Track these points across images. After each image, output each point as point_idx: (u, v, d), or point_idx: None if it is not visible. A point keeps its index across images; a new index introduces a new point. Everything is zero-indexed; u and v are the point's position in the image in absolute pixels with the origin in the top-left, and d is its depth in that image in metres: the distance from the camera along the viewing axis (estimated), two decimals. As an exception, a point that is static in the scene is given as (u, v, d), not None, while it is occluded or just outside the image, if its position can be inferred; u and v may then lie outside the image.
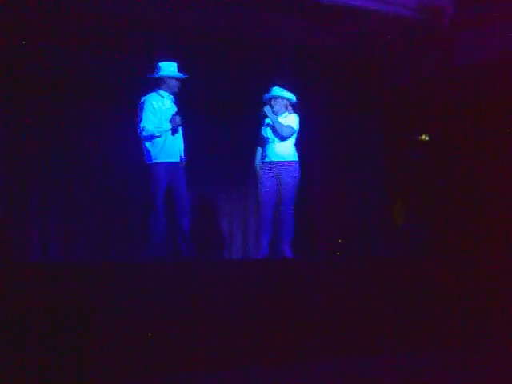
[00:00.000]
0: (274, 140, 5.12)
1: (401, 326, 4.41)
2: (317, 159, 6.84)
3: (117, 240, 6.53)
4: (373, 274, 4.56)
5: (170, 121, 4.78)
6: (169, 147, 4.78)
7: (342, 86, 6.73)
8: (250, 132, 5.51)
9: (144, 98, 4.81)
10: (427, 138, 7.13)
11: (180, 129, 4.89)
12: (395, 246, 6.62)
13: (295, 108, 5.22)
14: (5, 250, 5.95)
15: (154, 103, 4.77)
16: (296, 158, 5.16)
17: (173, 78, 4.83)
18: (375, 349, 4.21)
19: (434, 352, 4.22)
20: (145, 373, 3.54)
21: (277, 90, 5.16)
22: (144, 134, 4.74)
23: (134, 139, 4.97)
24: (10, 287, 3.47)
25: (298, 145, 5.26)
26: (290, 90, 5.22)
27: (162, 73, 4.81)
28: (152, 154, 4.76)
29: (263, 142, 5.19)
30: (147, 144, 4.77)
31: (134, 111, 4.88)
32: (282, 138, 5.10)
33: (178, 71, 4.86)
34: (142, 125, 4.74)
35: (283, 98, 5.15)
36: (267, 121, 5.15)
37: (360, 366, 3.83)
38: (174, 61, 4.89)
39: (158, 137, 4.74)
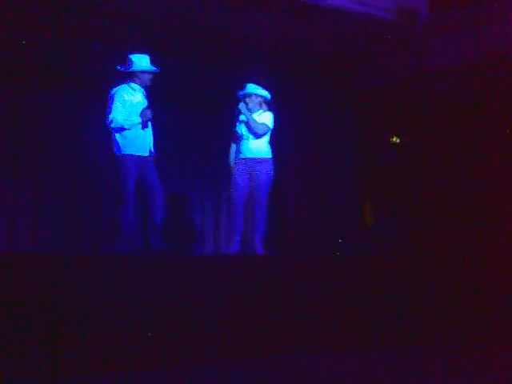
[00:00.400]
0: (248, 137, 5.13)
1: (367, 322, 4.47)
2: (290, 157, 6.87)
3: (87, 232, 6.46)
4: (341, 272, 4.62)
5: (141, 115, 4.72)
6: (138, 140, 4.73)
7: (315, 85, 6.78)
8: (224, 128, 5.51)
9: (114, 90, 4.75)
10: (398, 140, 7.23)
11: (149, 123, 4.85)
12: (364, 245, 6.70)
13: (269, 106, 5.24)
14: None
15: (124, 95, 4.72)
16: (270, 155, 5.19)
17: (145, 72, 4.78)
18: (335, 346, 4.26)
19: (397, 348, 4.29)
20: (107, 368, 3.50)
21: (252, 87, 5.17)
22: (113, 125, 4.68)
23: (104, 130, 4.91)
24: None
25: (271, 142, 5.28)
26: (264, 87, 5.24)
27: (134, 67, 4.75)
28: (121, 145, 4.70)
29: (237, 138, 5.20)
30: (116, 136, 4.72)
31: (105, 102, 4.82)
32: (257, 135, 5.12)
33: (150, 64, 4.80)
34: (111, 116, 4.68)
35: (258, 95, 5.17)
36: (242, 117, 5.16)
37: (314, 364, 3.86)
38: (147, 53, 4.82)
39: (127, 129, 4.70)
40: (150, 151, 4.84)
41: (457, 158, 6.18)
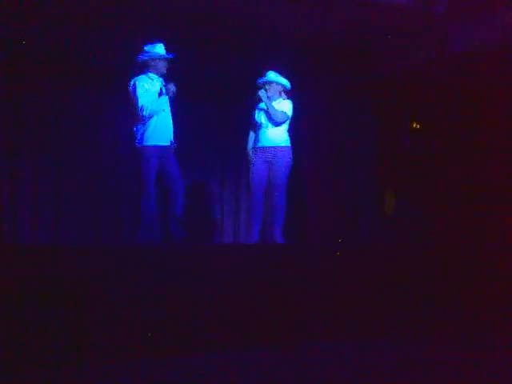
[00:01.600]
0: (266, 125, 5.11)
1: (389, 312, 4.45)
2: (309, 145, 6.84)
3: (108, 223, 6.51)
4: (362, 261, 4.60)
5: (166, 91, 4.73)
6: (159, 130, 4.75)
7: (335, 72, 6.72)
8: (243, 116, 5.50)
9: (133, 80, 4.77)
10: (418, 126, 7.14)
11: (169, 113, 4.86)
12: (385, 234, 6.65)
13: (288, 94, 5.21)
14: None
15: (144, 84, 4.74)
16: (288, 144, 5.17)
17: (158, 59, 4.77)
18: (363, 334, 4.25)
19: (419, 339, 4.27)
20: (133, 356, 3.54)
21: (272, 75, 5.15)
22: (145, 113, 4.67)
23: (124, 122, 4.94)
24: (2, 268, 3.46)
25: (290, 130, 5.26)
26: (284, 75, 5.21)
27: (147, 55, 4.76)
28: (142, 136, 4.73)
29: (256, 126, 5.18)
30: (138, 127, 4.74)
31: (124, 94, 4.83)
32: (276, 124, 5.10)
33: (165, 52, 4.80)
34: (140, 104, 4.69)
35: (278, 83, 5.15)
36: (261, 105, 5.14)
37: (350, 351, 3.87)
38: (164, 43, 4.83)
39: (156, 114, 4.70)
40: (170, 141, 4.86)
41: (479, 145, 6.09)
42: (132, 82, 4.78)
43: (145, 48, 4.79)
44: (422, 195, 6.58)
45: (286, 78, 5.20)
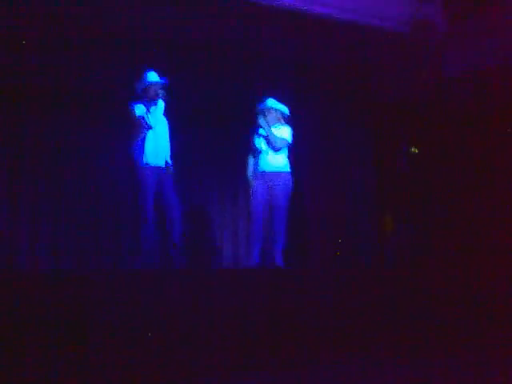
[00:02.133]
0: (267, 151, 5.15)
1: (391, 333, 4.43)
2: (308, 170, 6.87)
3: (108, 248, 6.49)
4: (363, 284, 4.59)
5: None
6: (155, 151, 4.81)
7: (332, 98, 6.79)
8: (242, 141, 5.53)
9: (133, 105, 4.89)
10: (416, 151, 7.18)
11: (167, 134, 4.92)
12: (385, 256, 6.65)
13: (287, 120, 5.26)
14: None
15: (141, 106, 4.84)
16: (288, 169, 5.20)
17: (149, 85, 4.86)
18: (364, 356, 4.22)
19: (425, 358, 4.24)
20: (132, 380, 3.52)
21: (271, 102, 5.21)
22: (142, 122, 4.77)
23: (123, 146, 4.99)
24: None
25: (290, 156, 5.29)
26: (283, 101, 5.27)
27: (141, 85, 4.87)
28: (139, 157, 4.78)
29: (256, 152, 5.22)
30: (136, 146, 4.80)
31: (123, 119, 4.90)
32: (276, 149, 5.14)
33: (159, 77, 4.90)
34: (137, 115, 4.80)
35: (277, 109, 5.20)
36: (261, 131, 5.18)
37: (349, 373, 3.83)
38: (163, 68, 4.93)
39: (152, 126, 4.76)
40: (166, 162, 4.89)
41: (477, 168, 6.12)
42: (131, 106, 4.87)
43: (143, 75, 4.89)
44: (421, 218, 6.59)
45: (284, 104, 5.26)
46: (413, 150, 7.14)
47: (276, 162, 5.14)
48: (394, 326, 4.46)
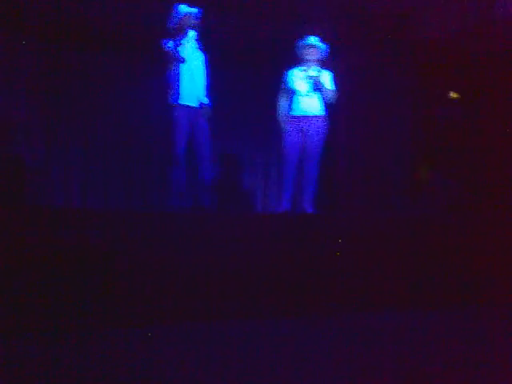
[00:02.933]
0: (302, 93, 4.97)
1: (420, 283, 4.37)
2: (343, 114, 6.70)
3: (139, 189, 6.53)
4: (393, 232, 4.51)
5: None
6: (187, 89, 4.70)
7: (372, 40, 6.52)
8: (278, 81, 5.37)
9: (163, 40, 4.76)
10: (457, 96, 6.94)
11: (203, 75, 4.79)
12: (420, 204, 6.54)
13: (323, 63, 5.04)
14: (28, 193, 6.00)
15: (171, 41, 4.71)
16: (323, 113, 5.04)
17: (182, 17, 4.71)
18: (391, 305, 4.19)
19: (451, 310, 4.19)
20: (159, 320, 3.57)
21: (313, 40, 4.98)
22: (172, 53, 4.64)
23: (155, 84, 4.91)
24: (30, 230, 3.50)
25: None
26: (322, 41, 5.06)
27: (171, 21, 4.71)
28: (173, 96, 4.69)
29: (289, 94, 5.04)
30: (170, 84, 4.70)
31: (158, 56, 4.79)
32: (329, 102, 4.99)
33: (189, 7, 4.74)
34: (167, 49, 4.67)
35: (319, 48, 4.98)
36: (309, 73, 4.95)
37: (374, 321, 3.82)
38: (201, 7, 4.75)
39: (179, 58, 4.64)
40: (200, 103, 4.78)
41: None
42: (161, 42, 4.74)
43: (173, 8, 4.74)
44: (459, 165, 6.42)
45: (326, 42, 5.03)
46: (453, 95, 6.89)
47: (312, 105, 4.99)
48: (423, 275, 4.39)
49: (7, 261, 3.34)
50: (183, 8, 4.73)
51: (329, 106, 5.05)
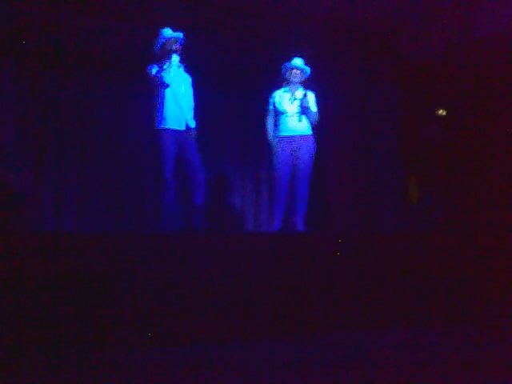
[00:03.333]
0: (292, 114, 5.02)
1: (412, 301, 4.38)
2: (331, 133, 6.75)
3: (130, 212, 6.54)
4: (385, 250, 4.53)
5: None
6: (174, 114, 4.72)
7: (357, 57, 6.61)
8: (264, 102, 5.43)
9: (148, 66, 4.80)
10: (444, 113, 7.01)
11: (189, 97, 4.83)
12: (409, 222, 6.56)
13: (308, 85, 5.11)
14: (19, 218, 5.99)
15: (156, 66, 4.74)
16: (311, 132, 5.10)
17: (165, 41, 4.74)
18: (384, 324, 4.19)
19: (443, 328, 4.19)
20: (150, 344, 3.55)
21: (299, 62, 5.07)
22: (158, 78, 4.66)
23: (146, 108, 4.94)
24: (22, 255, 3.49)
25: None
26: (307, 60, 5.13)
27: (157, 43, 4.76)
28: (159, 119, 4.71)
29: (277, 114, 5.09)
30: (156, 108, 4.72)
31: (143, 81, 4.85)
32: (312, 123, 5.05)
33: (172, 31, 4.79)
34: (152, 73, 4.69)
35: (303, 70, 5.06)
36: (296, 95, 5.02)
37: (367, 341, 3.81)
38: (187, 31, 4.81)
39: (164, 82, 4.65)
40: (186, 126, 4.80)
41: (506, 132, 5.94)
42: (146, 68, 4.78)
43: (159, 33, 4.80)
44: (447, 182, 6.47)
45: (309, 63, 5.11)
46: (441, 111, 6.97)
47: (299, 125, 5.04)
48: (414, 293, 4.40)
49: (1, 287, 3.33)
50: (167, 32, 4.78)
51: (313, 128, 5.11)
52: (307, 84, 5.13)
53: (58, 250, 3.60)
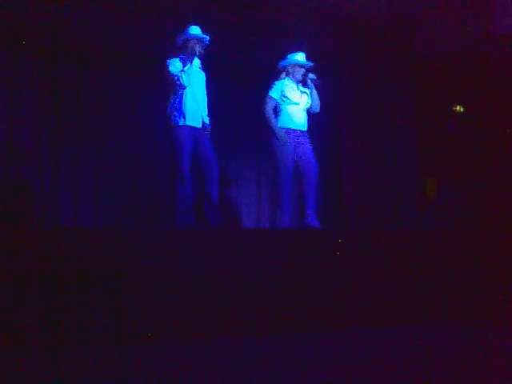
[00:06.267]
0: (298, 106, 4.99)
1: (427, 298, 4.34)
2: (348, 130, 6.72)
3: (145, 207, 6.57)
4: (401, 246, 4.50)
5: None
6: (191, 111, 4.74)
7: (376, 54, 6.58)
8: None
9: (167, 60, 4.80)
10: (462, 110, 6.95)
11: (204, 95, 4.85)
12: (426, 219, 6.51)
13: (310, 80, 5.07)
14: (37, 217, 6.06)
15: (175, 63, 4.76)
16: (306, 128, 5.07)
17: (189, 39, 4.75)
18: (399, 321, 4.16)
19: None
20: (168, 336, 3.57)
21: (301, 57, 5.04)
22: (176, 80, 4.68)
23: (162, 105, 4.96)
24: (40, 250, 3.54)
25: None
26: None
27: (180, 38, 4.77)
28: (175, 116, 4.73)
29: (280, 104, 5.00)
30: (172, 105, 4.75)
31: (161, 77, 4.86)
32: (310, 111, 5.02)
33: (202, 33, 4.81)
34: (171, 73, 4.71)
35: (305, 66, 5.04)
36: (304, 88, 5.01)
37: (376, 337, 3.80)
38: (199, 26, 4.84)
39: (183, 84, 4.68)
40: (203, 123, 4.83)
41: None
42: (166, 62, 4.79)
43: (183, 29, 4.80)
44: (466, 180, 6.41)
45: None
46: (458, 108, 6.90)
47: (304, 120, 5.03)
48: (430, 289, 4.36)
49: (17, 283, 3.37)
50: (195, 29, 4.80)
51: (312, 116, 5.06)
52: (308, 81, 5.10)
53: (74, 245, 3.64)
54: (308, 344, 3.57)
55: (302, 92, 5.04)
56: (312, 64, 5.05)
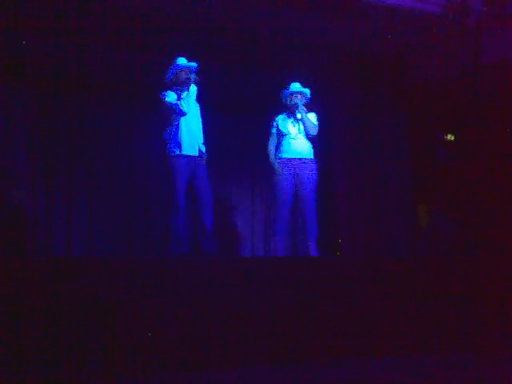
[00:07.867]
0: (294, 136, 5.05)
1: (424, 327, 4.32)
2: (341, 158, 6.77)
3: (139, 236, 6.54)
4: (396, 275, 4.49)
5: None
6: (187, 140, 4.77)
7: (366, 83, 6.66)
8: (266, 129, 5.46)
9: (162, 92, 4.85)
10: (453, 138, 7.03)
11: (199, 123, 4.88)
12: (419, 247, 6.52)
13: (308, 107, 5.14)
14: (29, 245, 6.00)
15: (171, 94, 4.80)
16: (312, 156, 5.11)
17: (179, 70, 4.80)
18: (396, 350, 4.13)
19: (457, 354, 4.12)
20: (166, 368, 3.52)
21: (297, 86, 5.12)
22: (172, 110, 4.72)
23: (156, 135, 4.98)
24: (33, 282, 3.50)
25: (322, 142, 5.20)
26: (313, 86, 5.18)
27: (170, 72, 4.82)
28: (171, 145, 4.75)
29: (279, 137, 5.10)
30: (167, 134, 4.77)
31: (155, 109, 4.90)
32: (311, 135, 5.06)
33: (187, 61, 4.85)
34: (166, 103, 4.75)
35: (303, 93, 5.11)
36: (296, 116, 5.08)
37: (379, 367, 3.75)
38: (193, 59, 4.88)
39: (183, 113, 4.72)
40: (199, 151, 4.84)
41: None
42: (161, 96, 4.83)
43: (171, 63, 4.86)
44: (458, 207, 6.44)
45: (314, 89, 5.16)
46: (449, 137, 6.98)
47: (304, 147, 5.06)
48: (430, 317, 4.34)
49: (10, 314, 3.32)
50: (181, 61, 4.85)
51: (312, 141, 5.10)
52: (308, 106, 5.16)
53: (67, 276, 3.60)
54: (303, 374, 3.53)
55: (298, 120, 5.08)
56: (299, 90, 5.11)
